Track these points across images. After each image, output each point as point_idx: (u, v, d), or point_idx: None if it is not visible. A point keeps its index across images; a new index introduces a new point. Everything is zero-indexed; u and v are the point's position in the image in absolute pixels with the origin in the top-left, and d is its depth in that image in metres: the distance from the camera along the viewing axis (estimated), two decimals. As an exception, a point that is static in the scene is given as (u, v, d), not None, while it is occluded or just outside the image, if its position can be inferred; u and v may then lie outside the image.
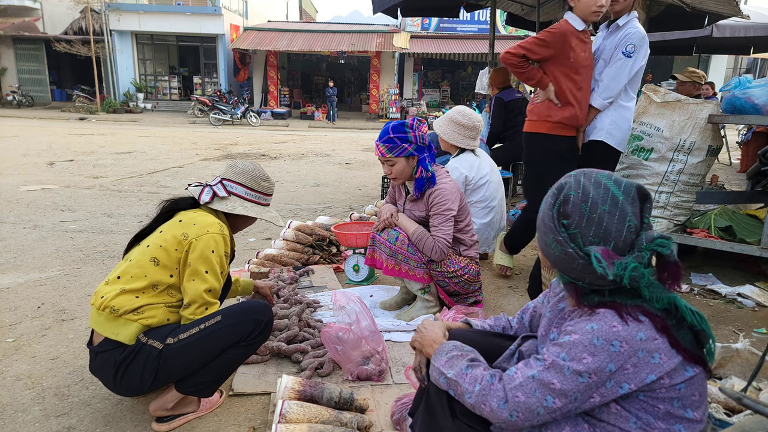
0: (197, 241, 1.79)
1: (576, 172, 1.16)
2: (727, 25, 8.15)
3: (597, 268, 1.04)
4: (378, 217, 2.83)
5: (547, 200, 1.16)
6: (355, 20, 39.40)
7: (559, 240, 1.10)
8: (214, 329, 1.77)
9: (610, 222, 1.08)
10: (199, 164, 8.67)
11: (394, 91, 21.47)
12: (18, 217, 4.91)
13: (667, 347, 1.05)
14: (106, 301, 1.74)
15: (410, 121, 2.59)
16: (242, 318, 1.83)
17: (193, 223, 1.83)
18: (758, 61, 23.91)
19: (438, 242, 2.59)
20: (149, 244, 1.83)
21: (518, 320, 1.57)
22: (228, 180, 1.97)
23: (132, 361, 1.72)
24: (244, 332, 1.82)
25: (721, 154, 6.15)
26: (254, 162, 2.30)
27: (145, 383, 1.75)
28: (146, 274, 1.78)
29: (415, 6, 6.41)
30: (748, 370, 2.00)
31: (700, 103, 3.40)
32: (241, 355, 1.87)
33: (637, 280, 1.04)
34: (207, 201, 1.92)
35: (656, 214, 3.59)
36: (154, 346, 1.73)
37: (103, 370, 1.78)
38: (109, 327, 1.74)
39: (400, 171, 2.61)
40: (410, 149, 2.56)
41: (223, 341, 1.79)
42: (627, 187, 1.12)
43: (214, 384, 1.88)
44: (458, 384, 1.20)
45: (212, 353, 1.78)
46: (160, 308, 1.78)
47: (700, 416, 1.09)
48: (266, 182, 2.05)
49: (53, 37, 20.70)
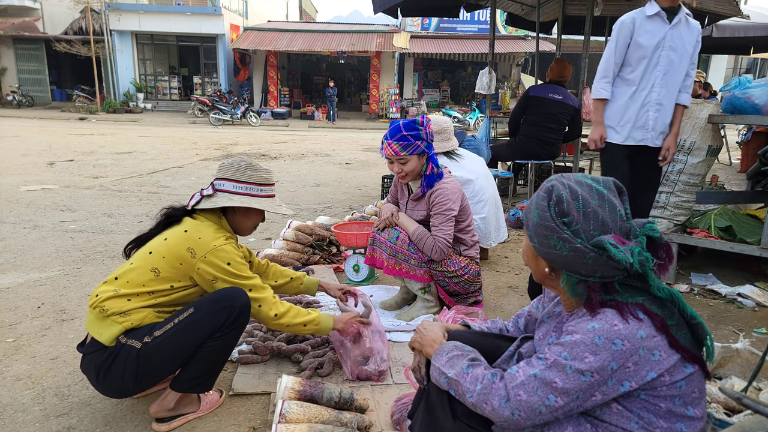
0: (208, 259, 1.77)
1: (553, 177, 1.19)
2: (727, 25, 8.15)
3: (616, 253, 1.04)
4: (378, 216, 2.83)
5: (539, 204, 1.15)
6: (355, 20, 39.40)
7: (565, 237, 1.10)
8: (188, 322, 1.74)
9: (604, 214, 1.11)
10: (199, 164, 8.66)
11: (394, 91, 21.47)
12: (18, 217, 4.91)
13: (666, 345, 1.06)
14: (99, 300, 1.74)
15: (420, 118, 2.60)
16: (215, 307, 1.77)
17: (199, 237, 1.79)
18: (758, 61, 23.91)
19: (438, 242, 2.59)
20: (152, 251, 1.81)
21: (514, 324, 1.58)
22: (217, 179, 1.93)
23: (112, 363, 1.70)
24: (218, 321, 1.76)
25: (721, 154, 6.15)
26: (244, 156, 2.27)
27: (127, 384, 1.73)
28: (144, 283, 1.76)
29: (415, 6, 6.41)
30: (748, 370, 2.00)
31: (700, 103, 3.40)
32: (222, 346, 1.80)
33: (644, 265, 1.07)
34: (194, 204, 1.87)
35: (656, 214, 3.59)
36: (133, 345, 1.71)
37: (88, 371, 1.78)
38: (96, 326, 1.74)
39: (411, 169, 2.60)
40: (422, 146, 2.56)
41: (200, 333, 1.74)
42: (605, 182, 1.16)
43: (207, 377, 1.85)
44: (459, 383, 1.20)
45: (190, 346, 1.75)
46: (148, 311, 1.77)
47: (700, 413, 1.10)
48: (253, 171, 1.92)
49: (53, 37, 20.70)
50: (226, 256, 1.79)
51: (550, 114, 4.89)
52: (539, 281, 1.26)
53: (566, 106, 4.88)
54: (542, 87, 5.03)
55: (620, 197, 1.16)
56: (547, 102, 4.88)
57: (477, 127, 16.37)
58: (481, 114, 16.94)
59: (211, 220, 1.90)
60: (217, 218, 1.92)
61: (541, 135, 4.94)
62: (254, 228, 2.04)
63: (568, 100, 4.91)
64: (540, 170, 6.13)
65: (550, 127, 4.92)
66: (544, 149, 4.99)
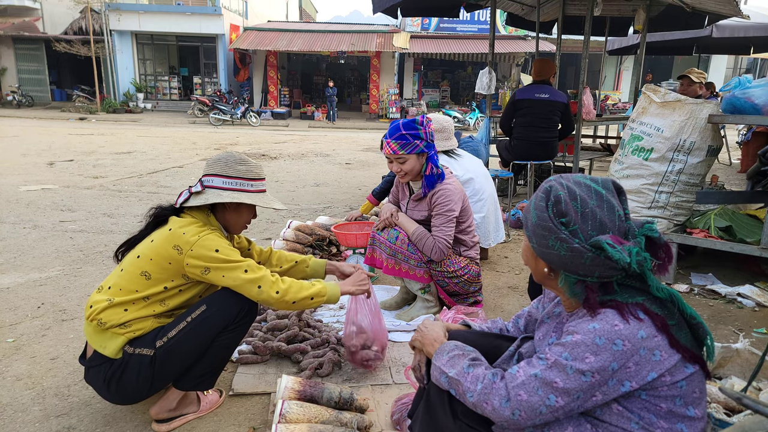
0: (195, 252, 1.72)
1: (552, 177, 1.19)
2: (727, 25, 8.15)
3: (613, 253, 1.04)
4: (378, 216, 2.83)
5: (537, 204, 1.15)
6: (355, 20, 39.35)
7: (563, 238, 1.10)
8: (202, 318, 1.74)
9: (602, 214, 1.11)
10: (198, 164, 8.66)
11: (394, 91, 21.47)
12: (18, 217, 4.91)
13: (667, 345, 1.06)
14: (94, 312, 1.71)
15: (420, 118, 2.59)
16: (227, 301, 1.78)
17: (183, 233, 1.75)
18: (758, 61, 23.92)
19: (438, 242, 2.59)
20: (139, 255, 1.77)
21: (514, 325, 1.58)
22: (205, 175, 1.87)
23: (123, 373, 1.70)
24: (231, 315, 1.77)
25: (721, 154, 6.15)
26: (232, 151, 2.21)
27: (142, 390, 1.74)
28: (137, 288, 1.74)
29: (415, 6, 6.40)
30: (748, 370, 2.00)
31: (700, 103, 3.40)
32: (232, 340, 1.83)
33: (642, 265, 1.07)
34: (182, 201, 1.82)
35: (656, 214, 3.59)
36: (144, 354, 1.70)
37: (95, 383, 1.77)
38: (96, 339, 1.72)
39: (410, 168, 2.59)
40: (421, 146, 2.56)
41: (213, 328, 1.75)
42: (604, 182, 1.16)
43: (213, 375, 1.86)
44: (460, 383, 1.20)
45: (205, 343, 1.76)
46: (149, 320, 1.76)
47: (701, 414, 1.10)
48: (242, 165, 1.86)
49: (53, 37, 20.68)
50: (212, 244, 1.74)
51: (539, 114, 4.93)
52: (539, 281, 1.26)
53: (554, 103, 4.90)
54: (528, 89, 5.06)
55: (619, 198, 1.16)
56: (534, 103, 4.91)
57: (477, 127, 16.36)
58: (481, 114, 16.95)
59: (197, 217, 1.84)
60: (205, 216, 1.86)
61: (534, 136, 4.98)
62: (246, 225, 1.98)
63: (555, 97, 4.92)
64: (540, 170, 6.12)
65: (542, 126, 4.96)
66: (541, 149, 5.01)
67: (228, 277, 1.75)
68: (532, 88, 5.02)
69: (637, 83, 6.68)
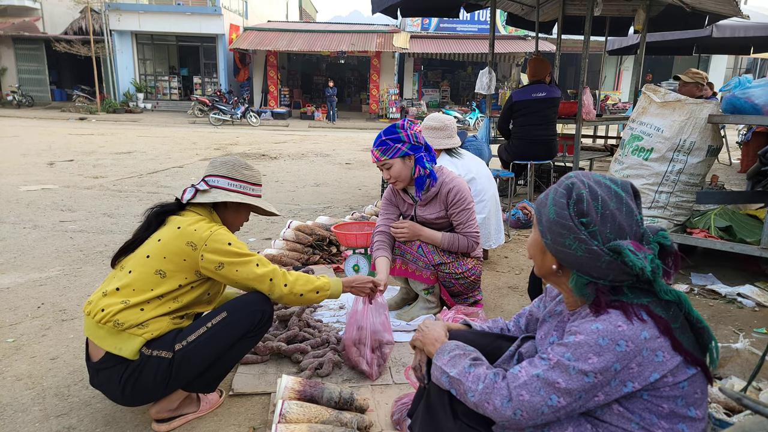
0: (210, 246, 1.76)
1: (573, 174, 1.16)
2: (727, 25, 8.16)
3: (634, 260, 1.03)
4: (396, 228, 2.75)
5: (557, 201, 1.12)
6: (355, 20, 39.32)
7: (582, 238, 1.08)
8: (223, 326, 1.78)
9: (621, 218, 1.09)
10: (199, 164, 8.66)
11: (394, 91, 21.46)
12: (18, 217, 4.91)
13: (669, 347, 1.06)
14: (109, 315, 1.70)
15: (401, 122, 2.59)
16: (248, 310, 1.83)
17: (194, 230, 1.78)
18: (758, 61, 23.92)
19: (471, 238, 2.65)
20: (149, 255, 1.78)
21: (515, 324, 1.57)
22: (209, 175, 1.93)
23: (140, 374, 1.70)
24: (251, 323, 1.83)
25: (721, 154, 6.15)
26: (235, 155, 2.28)
27: (157, 392, 1.76)
28: (152, 288, 1.75)
29: (414, 6, 6.40)
30: (748, 370, 2.00)
31: (700, 103, 3.40)
32: (248, 346, 1.89)
33: (655, 272, 1.06)
34: (189, 198, 1.88)
35: (656, 214, 3.59)
36: (162, 356, 1.71)
37: (107, 385, 1.76)
38: (111, 341, 1.70)
39: (398, 173, 2.58)
40: (404, 149, 2.54)
41: (233, 335, 1.80)
42: (623, 185, 1.14)
43: (220, 378, 1.89)
44: (461, 383, 1.20)
45: (224, 348, 1.79)
46: (165, 320, 1.76)
47: (702, 414, 1.10)
48: (248, 170, 1.97)
49: (53, 37, 20.68)
50: (224, 238, 1.80)
51: (537, 113, 4.96)
52: (541, 276, 1.23)
53: (551, 100, 4.95)
54: (524, 90, 5.09)
55: (636, 201, 1.14)
56: (531, 103, 4.95)
57: (477, 127, 16.36)
58: (481, 114, 16.94)
59: (201, 214, 1.90)
60: (208, 212, 1.93)
61: (533, 135, 5.00)
62: (240, 226, 2.08)
63: (551, 93, 4.98)
64: (540, 170, 6.12)
65: (541, 124, 4.99)
66: (541, 148, 5.03)
67: (241, 272, 1.79)
68: (528, 89, 5.05)
69: (637, 83, 6.68)
